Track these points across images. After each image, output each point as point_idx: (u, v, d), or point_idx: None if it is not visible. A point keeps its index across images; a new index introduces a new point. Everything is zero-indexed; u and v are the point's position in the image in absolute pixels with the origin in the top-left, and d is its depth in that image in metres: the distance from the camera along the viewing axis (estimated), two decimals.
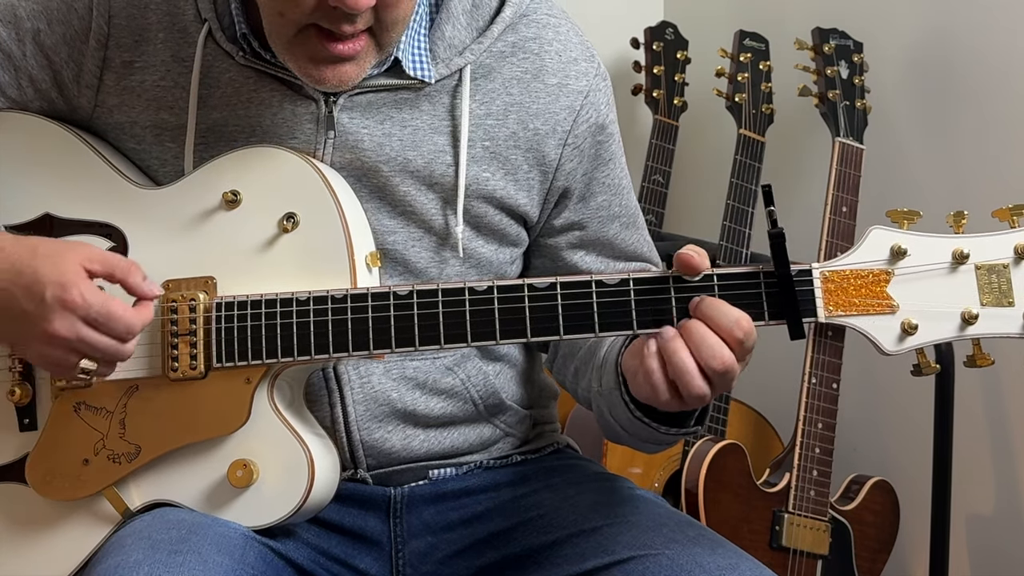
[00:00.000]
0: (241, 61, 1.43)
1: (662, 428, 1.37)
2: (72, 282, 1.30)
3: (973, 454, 2.47)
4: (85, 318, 1.30)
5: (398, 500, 1.50)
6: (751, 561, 1.33)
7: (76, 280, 1.30)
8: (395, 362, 1.46)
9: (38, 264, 1.31)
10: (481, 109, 1.46)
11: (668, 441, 1.42)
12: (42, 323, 1.30)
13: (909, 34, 2.61)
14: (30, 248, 1.33)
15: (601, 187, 1.54)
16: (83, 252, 1.33)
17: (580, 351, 1.53)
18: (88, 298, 1.29)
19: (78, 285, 1.30)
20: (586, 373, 1.50)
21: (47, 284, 1.29)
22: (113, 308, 1.30)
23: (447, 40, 1.45)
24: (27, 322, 1.30)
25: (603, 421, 1.48)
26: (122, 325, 1.31)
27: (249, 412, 1.35)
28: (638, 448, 1.48)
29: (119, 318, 1.31)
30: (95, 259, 1.33)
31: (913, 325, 1.27)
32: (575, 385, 1.55)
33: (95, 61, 1.45)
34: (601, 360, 1.46)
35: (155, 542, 1.27)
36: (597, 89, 1.51)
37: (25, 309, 1.30)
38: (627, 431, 1.42)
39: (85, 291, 1.30)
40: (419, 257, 1.46)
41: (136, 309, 1.33)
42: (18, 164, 1.46)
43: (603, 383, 1.44)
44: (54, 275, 1.30)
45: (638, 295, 1.30)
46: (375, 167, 1.43)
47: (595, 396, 1.47)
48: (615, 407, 1.41)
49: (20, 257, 1.32)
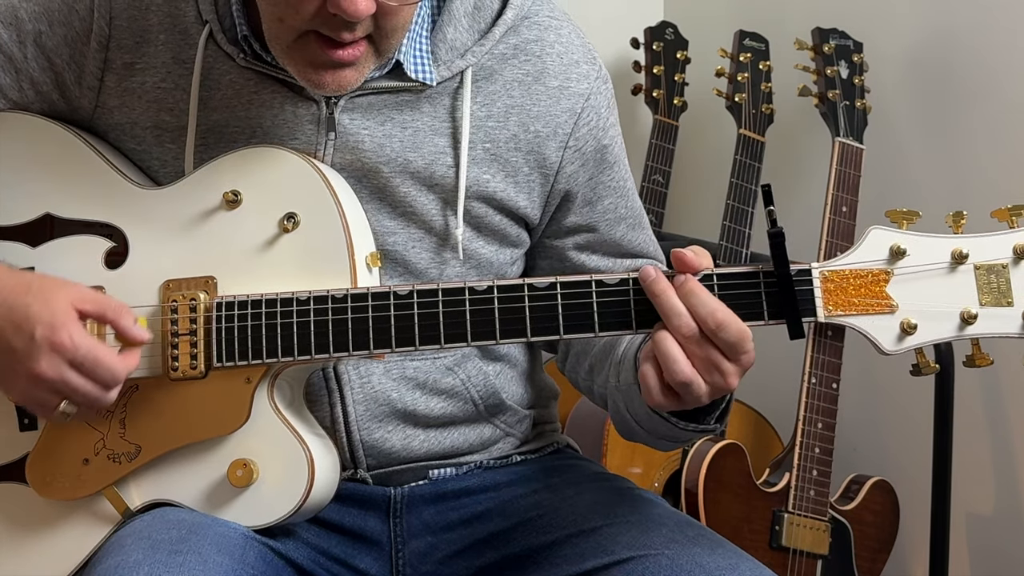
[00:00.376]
0: (242, 63, 1.43)
1: (680, 423, 1.37)
2: (62, 323, 1.29)
3: (973, 454, 2.47)
4: (72, 361, 1.29)
5: (398, 500, 1.50)
6: (751, 561, 1.33)
7: (66, 321, 1.30)
8: (395, 362, 1.47)
9: (30, 300, 1.31)
10: (482, 111, 1.46)
11: (685, 438, 1.41)
12: (28, 361, 1.29)
13: (909, 34, 2.62)
14: (24, 284, 1.33)
15: (607, 190, 1.54)
16: (75, 292, 1.33)
17: (595, 348, 1.53)
18: (77, 341, 1.29)
19: (67, 327, 1.29)
20: (603, 370, 1.50)
21: (37, 323, 1.29)
22: (100, 354, 1.30)
23: (448, 42, 1.45)
24: (14, 359, 1.30)
25: (619, 417, 1.48)
26: (107, 372, 1.31)
27: (249, 412, 1.35)
28: (654, 445, 1.48)
29: (105, 364, 1.30)
30: (87, 299, 1.33)
31: (912, 325, 1.27)
32: (590, 382, 1.55)
33: (96, 62, 1.45)
34: (620, 356, 1.46)
35: (155, 542, 1.27)
36: (598, 92, 1.51)
37: (13, 346, 1.30)
38: (644, 427, 1.42)
39: (74, 333, 1.30)
40: (419, 258, 1.46)
41: (123, 356, 1.33)
42: (19, 164, 1.46)
43: (621, 378, 1.44)
44: (45, 314, 1.30)
45: (637, 294, 1.30)
46: (376, 168, 1.43)
47: (612, 392, 1.47)
48: (633, 402, 1.41)
49: (13, 292, 1.32)
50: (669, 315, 1.27)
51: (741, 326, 1.27)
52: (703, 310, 1.27)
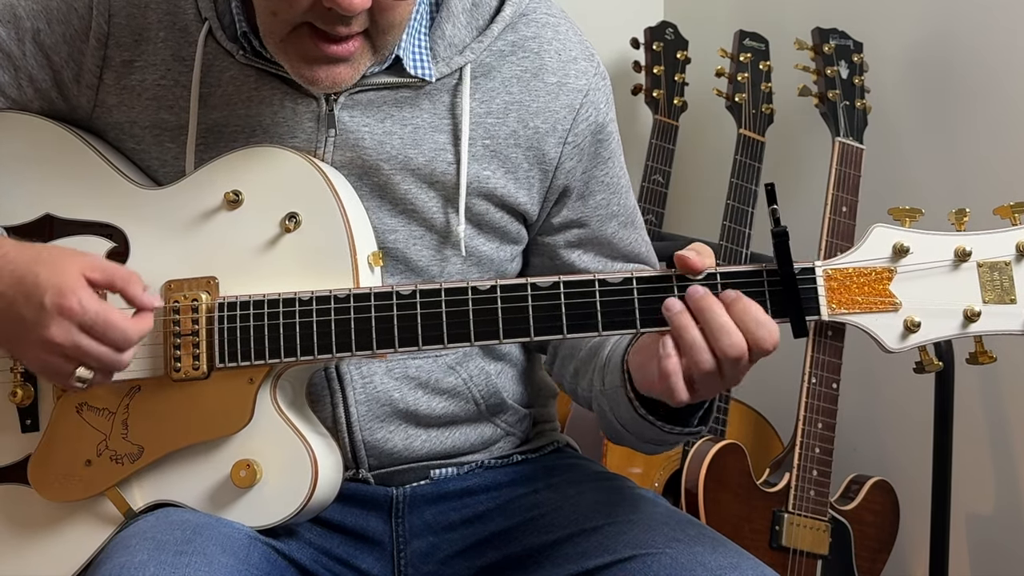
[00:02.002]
0: (241, 60, 1.43)
1: (666, 427, 1.37)
2: (71, 289, 1.29)
3: (973, 454, 2.47)
4: (82, 325, 1.29)
5: (400, 500, 1.50)
6: (752, 560, 1.33)
7: (75, 287, 1.30)
8: (397, 361, 1.46)
9: (39, 270, 1.31)
10: (481, 107, 1.46)
11: (671, 441, 1.41)
12: (40, 329, 1.29)
13: (909, 34, 2.62)
14: (32, 254, 1.33)
15: (600, 185, 1.54)
16: (84, 260, 1.33)
17: (581, 352, 1.53)
18: (86, 305, 1.29)
19: (76, 292, 1.29)
20: (587, 373, 1.50)
21: (47, 290, 1.29)
22: (111, 317, 1.30)
23: (447, 39, 1.45)
24: (25, 327, 1.30)
25: (604, 421, 1.48)
26: (119, 334, 1.31)
27: (252, 412, 1.35)
28: (639, 449, 1.48)
29: (116, 327, 1.30)
30: (96, 267, 1.33)
31: (916, 323, 1.27)
32: (574, 385, 1.55)
33: (95, 60, 1.45)
34: (604, 360, 1.46)
35: (160, 543, 1.27)
36: (597, 88, 1.52)
37: (24, 314, 1.30)
38: (629, 430, 1.42)
39: (83, 298, 1.30)
40: (420, 255, 1.46)
41: (134, 319, 1.33)
42: (18, 164, 1.46)
43: (606, 382, 1.43)
44: (54, 281, 1.30)
45: (641, 294, 1.30)
46: (376, 165, 1.43)
47: (597, 396, 1.47)
48: (618, 406, 1.41)
49: (22, 262, 1.32)
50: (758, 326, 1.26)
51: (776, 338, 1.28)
52: (755, 326, 1.26)
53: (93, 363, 1.31)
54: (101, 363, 1.32)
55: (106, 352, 1.31)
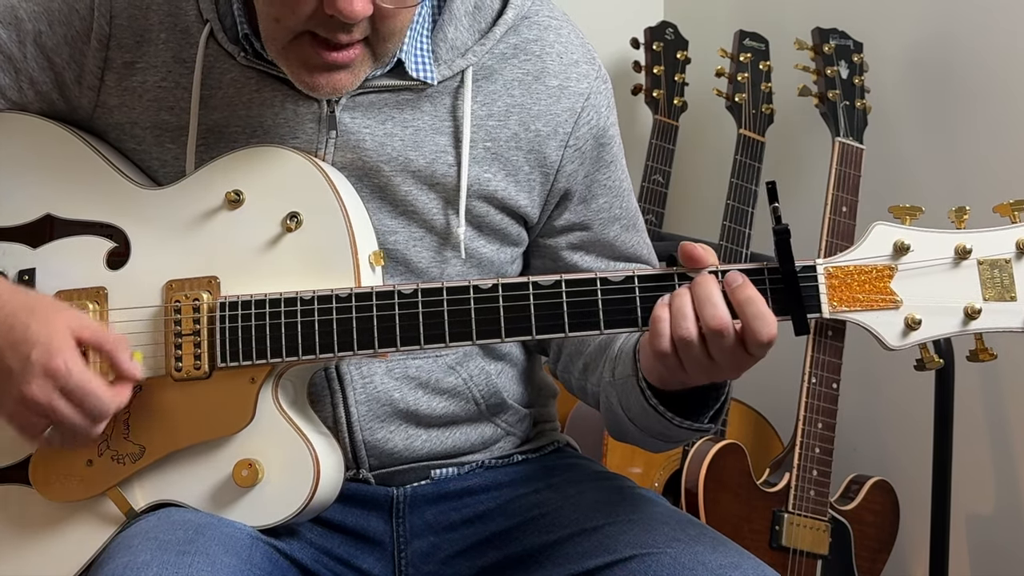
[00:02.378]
0: (243, 62, 1.43)
1: (675, 419, 1.37)
2: (59, 348, 1.29)
3: (973, 454, 2.47)
4: (63, 388, 1.29)
5: (400, 500, 1.50)
6: (753, 560, 1.33)
7: (63, 347, 1.30)
8: (397, 361, 1.46)
9: (31, 321, 1.31)
10: (483, 110, 1.46)
11: (677, 436, 1.41)
12: (21, 383, 1.29)
13: (909, 34, 2.62)
14: (27, 304, 1.33)
15: (602, 189, 1.54)
16: (76, 319, 1.33)
17: (590, 347, 1.53)
18: (71, 368, 1.29)
19: (64, 353, 1.29)
20: (597, 367, 1.50)
21: (35, 345, 1.29)
22: (92, 386, 1.30)
23: (449, 41, 1.45)
24: (7, 379, 1.30)
25: (611, 415, 1.47)
26: (96, 404, 1.30)
27: (254, 412, 1.35)
28: (644, 445, 1.48)
29: (96, 396, 1.30)
30: (86, 327, 1.33)
31: (917, 320, 1.27)
32: (583, 381, 1.55)
33: (96, 62, 1.45)
34: (616, 351, 1.46)
35: (163, 542, 1.27)
36: (598, 91, 1.52)
37: (8, 365, 1.30)
38: (636, 423, 1.42)
39: (69, 360, 1.29)
40: (420, 257, 1.46)
41: (114, 391, 1.33)
42: (19, 165, 1.46)
43: (617, 373, 1.43)
44: (43, 337, 1.29)
45: (643, 292, 1.30)
46: (376, 167, 1.43)
47: (606, 387, 1.47)
48: (628, 397, 1.41)
49: (14, 311, 1.32)
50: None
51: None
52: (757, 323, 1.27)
53: (65, 427, 1.31)
54: (72, 429, 1.32)
55: (80, 420, 1.31)
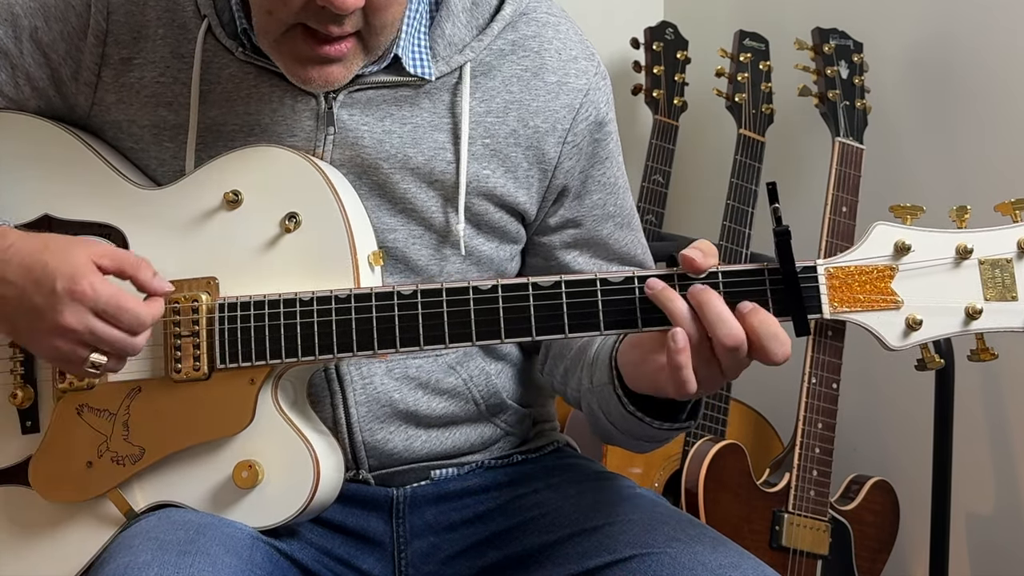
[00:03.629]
0: (241, 57, 1.42)
1: (655, 423, 1.37)
2: (82, 273, 1.29)
3: (973, 454, 2.47)
4: (95, 309, 1.29)
5: (400, 501, 1.50)
6: (753, 560, 1.33)
7: (86, 272, 1.30)
8: (397, 361, 1.46)
9: (48, 258, 1.30)
10: (481, 107, 1.46)
11: (660, 438, 1.41)
12: (52, 314, 1.29)
13: (909, 34, 2.62)
14: (40, 243, 1.33)
15: (596, 185, 1.54)
16: (93, 247, 1.33)
17: (570, 351, 1.53)
18: (98, 289, 1.29)
19: (88, 277, 1.29)
20: (575, 372, 1.50)
21: (57, 276, 1.29)
22: (123, 300, 1.30)
23: (447, 38, 1.45)
24: (37, 315, 1.30)
25: (593, 419, 1.47)
26: (132, 317, 1.30)
27: (253, 413, 1.35)
28: (630, 447, 1.48)
29: (129, 310, 1.30)
30: (105, 254, 1.33)
31: (918, 320, 1.27)
32: (564, 385, 1.55)
33: (93, 58, 1.44)
34: (592, 357, 1.46)
35: (163, 543, 1.27)
36: (597, 88, 1.51)
37: (35, 303, 1.30)
38: (618, 428, 1.42)
39: (95, 282, 1.29)
40: (419, 255, 1.46)
41: (147, 303, 1.33)
42: (17, 164, 1.45)
43: (595, 380, 1.43)
44: (64, 267, 1.29)
45: (643, 292, 1.30)
46: (375, 164, 1.43)
47: (585, 393, 1.47)
48: (607, 403, 1.41)
49: (30, 252, 1.31)
50: (715, 323, 1.26)
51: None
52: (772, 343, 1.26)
53: (106, 347, 1.31)
54: (115, 347, 1.31)
55: (120, 336, 1.31)
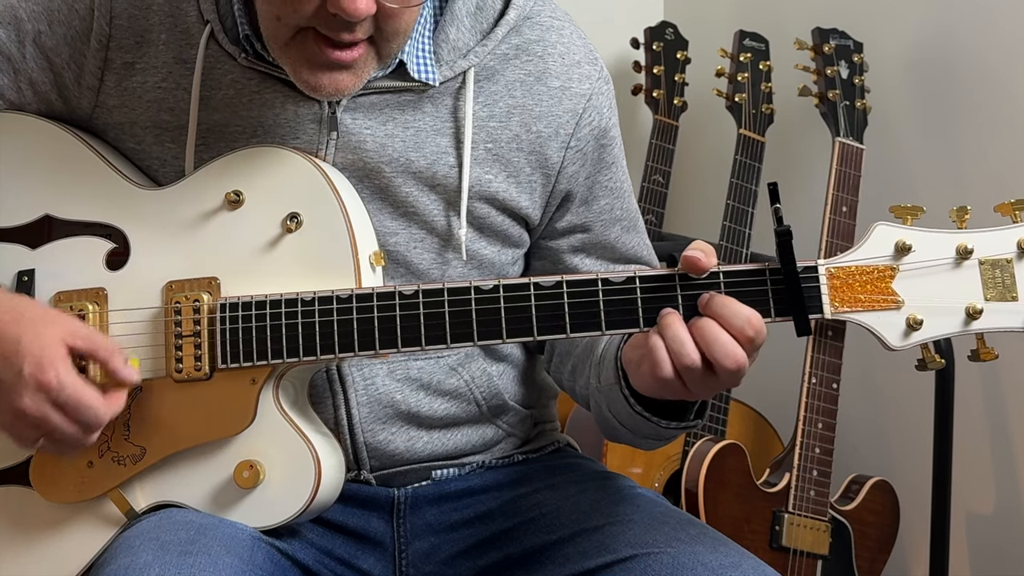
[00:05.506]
0: (243, 63, 1.42)
1: (662, 422, 1.37)
2: (50, 360, 1.29)
3: (973, 454, 2.47)
4: (56, 401, 1.29)
5: (401, 501, 1.50)
6: (753, 559, 1.33)
7: (54, 359, 1.29)
8: (399, 362, 1.46)
9: (21, 332, 1.30)
10: (484, 111, 1.46)
11: (667, 436, 1.41)
12: (13, 395, 1.28)
13: (909, 34, 2.62)
14: (15, 312, 1.32)
15: (604, 191, 1.54)
16: (68, 325, 1.32)
17: (577, 349, 1.53)
18: (63, 381, 1.28)
19: (56, 365, 1.29)
20: (584, 371, 1.50)
21: (26, 358, 1.28)
22: (84, 396, 1.29)
23: (451, 42, 1.45)
24: (1, 391, 1.29)
25: (601, 418, 1.47)
26: (91, 415, 1.30)
27: (255, 413, 1.35)
28: (637, 445, 1.48)
29: (89, 407, 1.30)
30: (80, 335, 1.32)
31: (918, 320, 1.27)
32: (572, 383, 1.55)
33: (96, 62, 1.44)
34: (599, 356, 1.46)
35: (164, 543, 1.27)
36: (600, 92, 1.51)
37: (2, 379, 1.29)
38: (626, 426, 1.42)
39: (61, 373, 1.29)
40: (421, 259, 1.46)
41: (107, 399, 1.32)
42: (18, 165, 1.45)
43: (602, 379, 1.43)
44: (35, 349, 1.29)
45: (644, 293, 1.30)
46: (377, 168, 1.43)
47: (593, 392, 1.47)
48: (614, 402, 1.41)
49: (5, 323, 1.31)
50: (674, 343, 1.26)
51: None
52: (737, 320, 1.26)
53: (58, 438, 1.31)
54: (66, 440, 1.31)
55: (73, 432, 1.30)
